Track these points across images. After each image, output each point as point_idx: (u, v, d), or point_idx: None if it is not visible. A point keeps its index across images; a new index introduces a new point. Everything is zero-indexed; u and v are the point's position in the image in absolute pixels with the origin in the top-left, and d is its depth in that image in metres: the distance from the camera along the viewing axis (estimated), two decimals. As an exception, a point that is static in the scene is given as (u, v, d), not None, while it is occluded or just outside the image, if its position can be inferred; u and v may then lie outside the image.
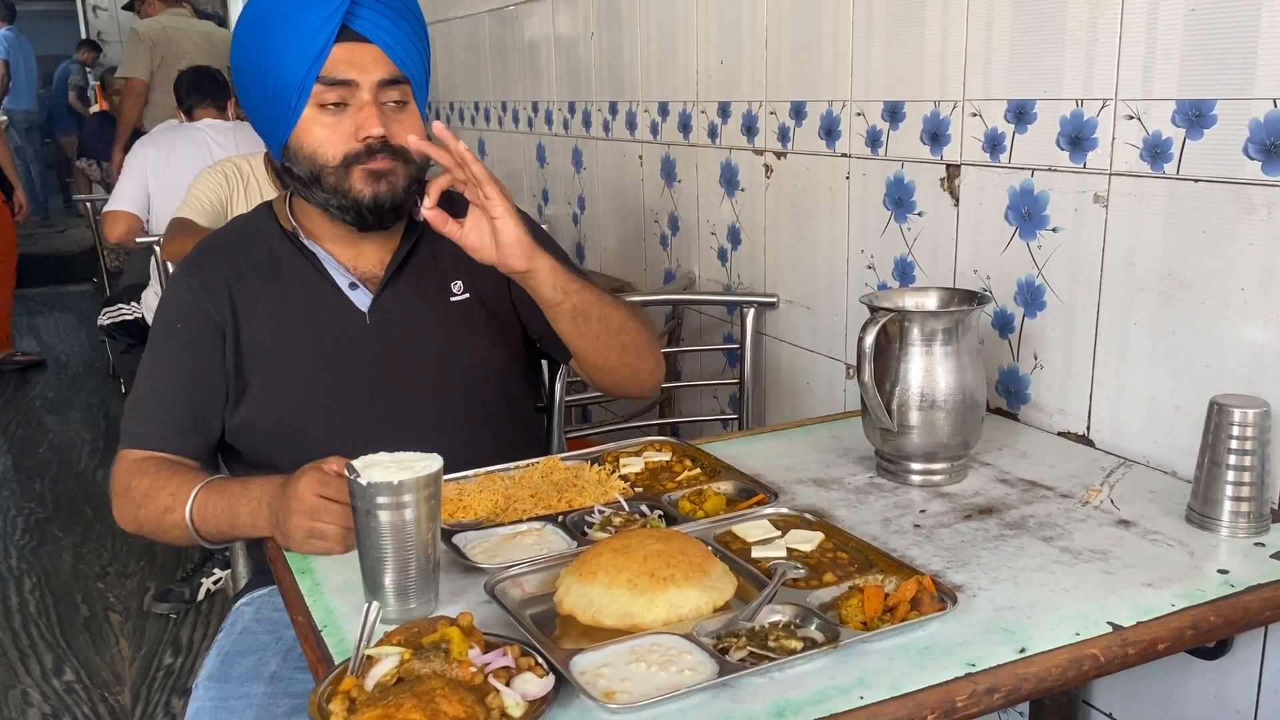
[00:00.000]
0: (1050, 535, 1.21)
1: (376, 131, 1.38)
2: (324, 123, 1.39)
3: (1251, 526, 1.19)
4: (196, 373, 1.45)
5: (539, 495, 1.32)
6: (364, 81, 1.38)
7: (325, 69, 1.36)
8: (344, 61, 1.37)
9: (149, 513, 1.37)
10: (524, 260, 1.29)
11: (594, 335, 1.41)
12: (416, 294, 1.50)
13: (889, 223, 1.84)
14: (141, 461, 1.41)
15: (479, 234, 1.29)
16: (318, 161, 1.39)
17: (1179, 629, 1.02)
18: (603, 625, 1.00)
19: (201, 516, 1.33)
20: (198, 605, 3.06)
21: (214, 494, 1.33)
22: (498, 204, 1.25)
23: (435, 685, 0.85)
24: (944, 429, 1.34)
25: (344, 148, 1.39)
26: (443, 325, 1.50)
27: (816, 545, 1.17)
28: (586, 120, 2.95)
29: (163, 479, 1.38)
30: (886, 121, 1.81)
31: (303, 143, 1.40)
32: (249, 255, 1.50)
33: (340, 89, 1.37)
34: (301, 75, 1.36)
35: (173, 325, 1.47)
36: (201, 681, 1.33)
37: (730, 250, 2.34)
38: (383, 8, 1.40)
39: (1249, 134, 1.25)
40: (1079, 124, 1.46)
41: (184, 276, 1.50)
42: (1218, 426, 1.19)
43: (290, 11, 1.36)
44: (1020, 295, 1.60)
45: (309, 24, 1.35)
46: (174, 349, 1.46)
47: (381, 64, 1.39)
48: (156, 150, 3.47)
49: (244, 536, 1.33)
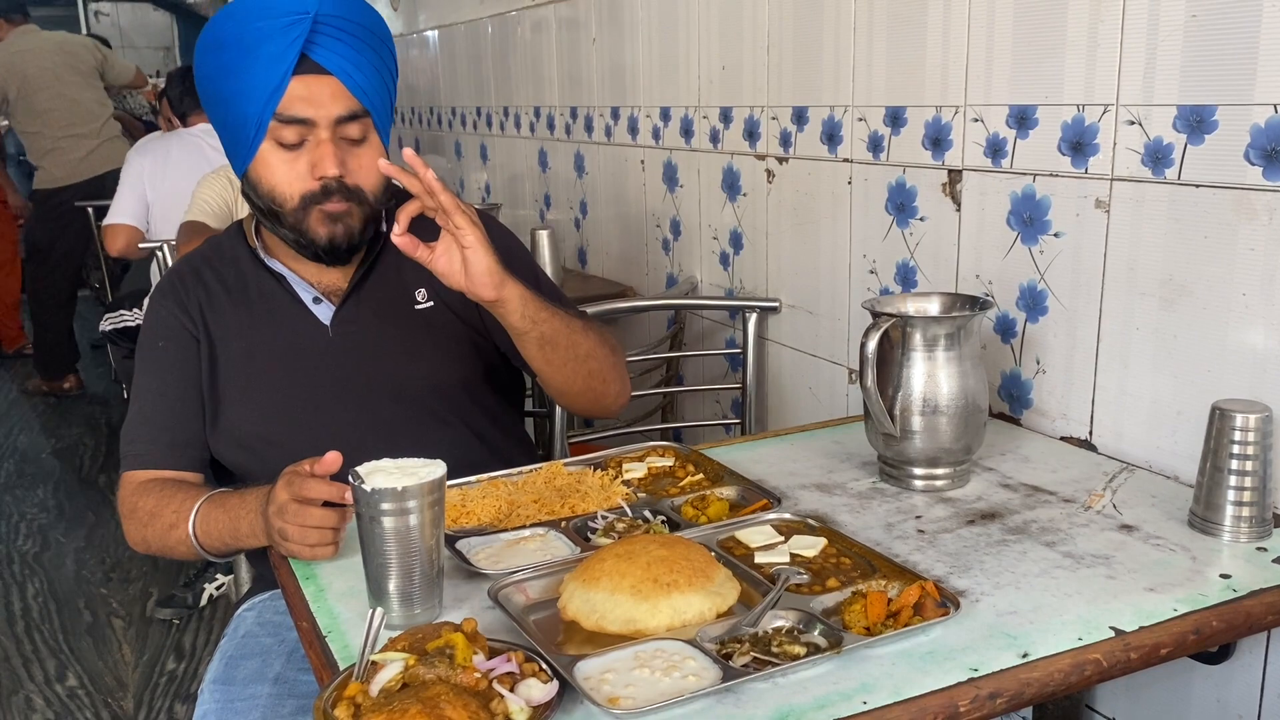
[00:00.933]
0: (1053, 540, 1.21)
1: (332, 172, 1.37)
2: (281, 159, 1.38)
3: (1253, 531, 1.19)
4: (182, 390, 1.47)
5: (542, 501, 1.32)
6: (321, 119, 1.36)
7: (282, 105, 1.34)
8: (301, 98, 1.35)
9: (155, 532, 1.39)
10: (493, 290, 1.28)
11: (561, 362, 1.40)
12: (378, 305, 1.51)
13: (891, 228, 1.84)
14: (145, 483, 1.43)
15: (449, 260, 1.27)
16: (276, 198, 1.40)
17: (1181, 634, 1.02)
18: (606, 631, 1.01)
19: (205, 531, 1.34)
20: (200, 611, 3.06)
21: (215, 508, 1.34)
22: (468, 234, 1.24)
23: (440, 691, 0.85)
24: (946, 434, 1.34)
25: (301, 187, 1.39)
26: (405, 334, 1.51)
27: (819, 551, 1.17)
28: (588, 125, 2.95)
29: (165, 497, 1.39)
30: (888, 127, 1.81)
31: (261, 176, 1.40)
32: (219, 274, 1.52)
33: (297, 127, 1.36)
34: (259, 110, 1.34)
35: (155, 345, 1.49)
36: (206, 685, 1.34)
37: (732, 255, 2.34)
38: (344, 35, 1.37)
39: (1250, 139, 1.26)
40: (1080, 129, 1.46)
41: (160, 298, 1.52)
42: (1219, 431, 1.19)
43: (248, 40, 1.34)
44: (1022, 300, 1.60)
45: (266, 55, 1.33)
46: (160, 369, 1.49)
47: (340, 99, 1.37)
48: (152, 159, 3.46)
49: (248, 548, 1.34)
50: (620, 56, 2.71)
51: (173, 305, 1.50)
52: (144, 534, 1.40)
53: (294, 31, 1.32)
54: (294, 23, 1.32)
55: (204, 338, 1.48)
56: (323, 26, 1.34)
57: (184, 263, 1.56)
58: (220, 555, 1.39)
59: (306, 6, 1.33)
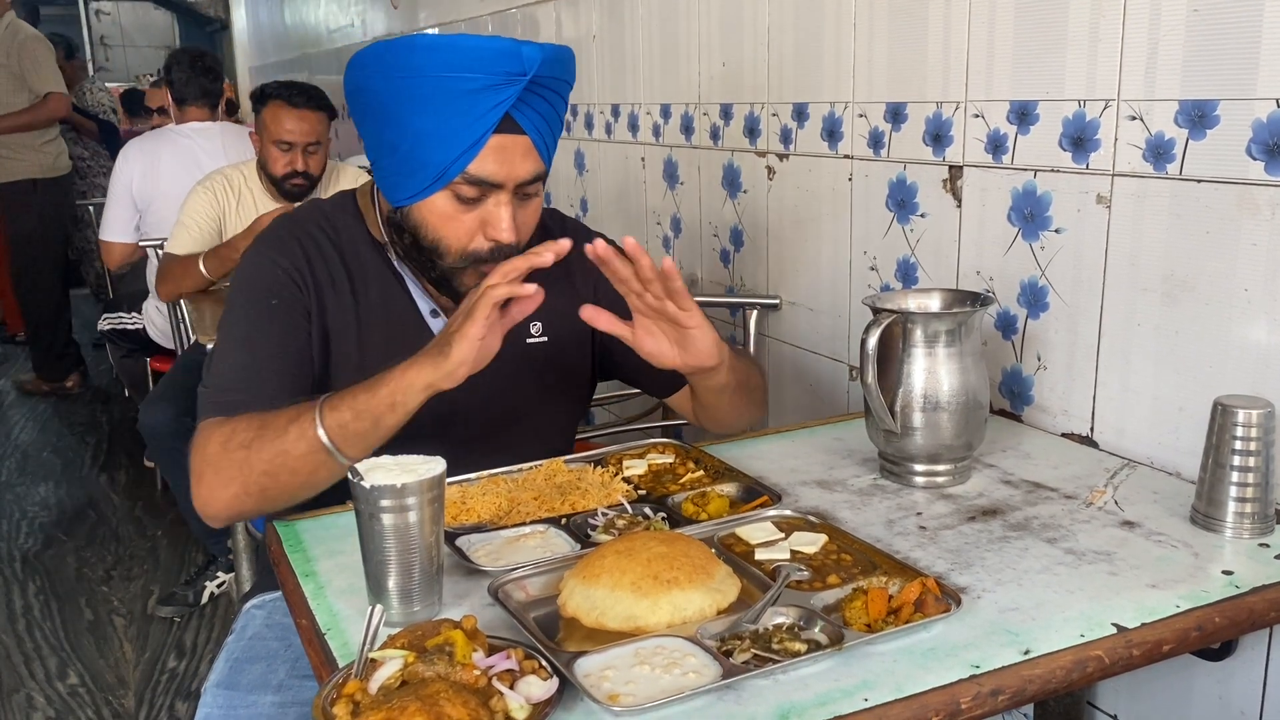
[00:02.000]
0: (1054, 537, 1.20)
1: (509, 239, 1.31)
2: (455, 210, 1.31)
3: (1256, 527, 1.19)
4: (295, 348, 1.36)
5: (542, 498, 1.31)
6: (509, 183, 1.30)
7: (474, 165, 1.27)
8: (495, 161, 1.28)
9: (262, 455, 1.22)
10: (715, 360, 1.28)
11: (745, 401, 1.42)
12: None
13: (891, 224, 1.84)
14: (236, 420, 1.27)
15: (655, 341, 1.26)
16: (439, 248, 1.34)
17: (1184, 630, 1.02)
18: (606, 628, 1.00)
19: (335, 424, 1.20)
20: (201, 609, 3.06)
21: (341, 398, 1.21)
22: (695, 316, 1.22)
23: (439, 688, 0.85)
24: (947, 430, 1.34)
25: (469, 243, 1.33)
26: (514, 368, 1.44)
27: (820, 547, 1.16)
28: (589, 122, 2.95)
29: (269, 416, 1.24)
30: (889, 123, 1.81)
31: (425, 220, 1.33)
32: (337, 255, 1.42)
33: (483, 188, 1.30)
34: (448, 161, 1.27)
35: (265, 300, 1.37)
36: (209, 687, 1.33)
37: (733, 252, 2.34)
38: (549, 94, 1.30)
39: (1252, 134, 1.25)
40: (1081, 125, 1.46)
41: (274, 256, 1.39)
42: (1222, 427, 1.19)
43: (453, 87, 1.25)
44: (1023, 296, 1.60)
45: (470, 110, 1.25)
46: (269, 322, 1.36)
47: (529, 160, 1.31)
48: (140, 167, 3.42)
49: (394, 420, 1.20)
50: (620, 53, 2.71)
51: (288, 267, 1.38)
52: (243, 467, 1.22)
53: (506, 92, 1.25)
54: (508, 83, 1.25)
55: (317, 314, 1.39)
56: (534, 87, 1.28)
57: (295, 229, 1.43)
58: (350, 453, 1.21)
59: (525, 67, 1.25)
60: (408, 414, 1.19)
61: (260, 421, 1.23)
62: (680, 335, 1.26)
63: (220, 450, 1.24)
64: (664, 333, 1.27)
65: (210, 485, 1.25)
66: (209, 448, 1.26)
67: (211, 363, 1.37)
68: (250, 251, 1.43)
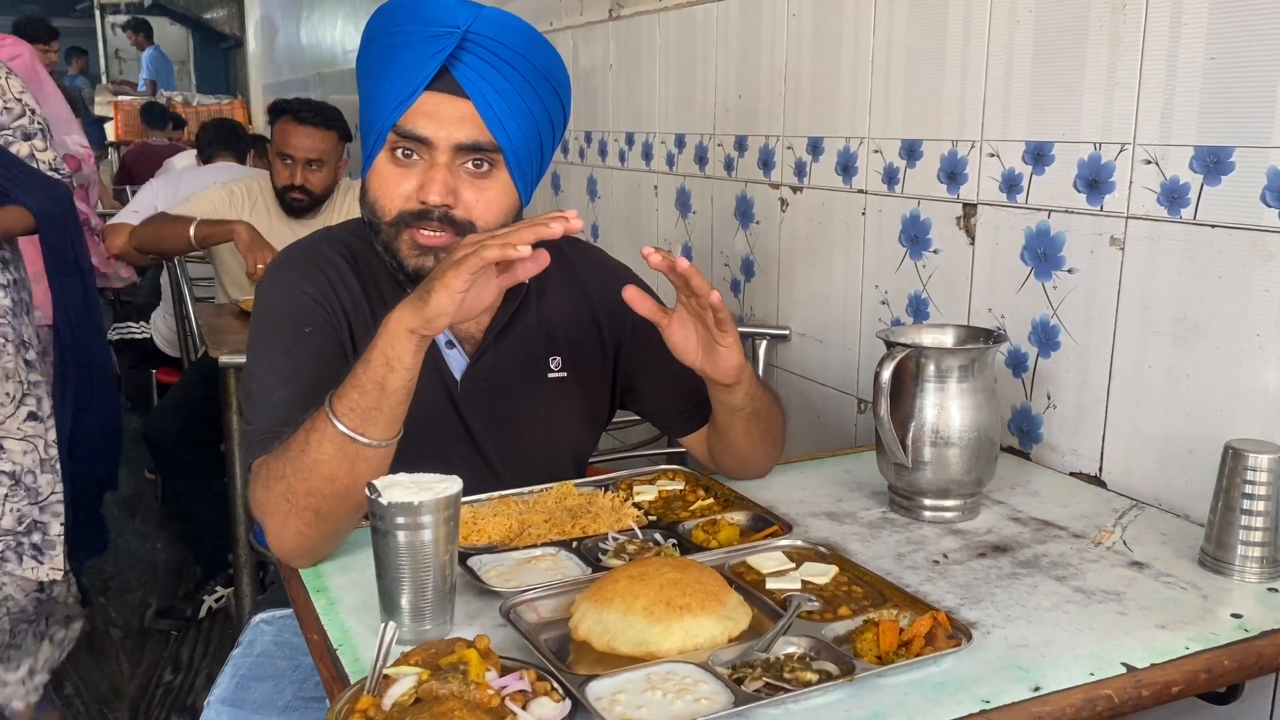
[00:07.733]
0: (1063, 575, 1.21)
1: (436, 199, 1.27)
2: (393, 171, 1.30)
3: (1264, 571, 1.19)
4: (332, 373, 1.27)
5: (553, 520, 1.32)
6: (440, 141, 1.27)
7: (405, 118, 1.26)
8: (426, 115, 1.26)
9: (298, 476, 1.16)
10: (734, 377, 1.29)
11: (760, 434, 1.42)
12: (513, 365, 1.42)
13: (904, 259, 1.85)
14: (270, 455, 1.23)
15: (685, 335, 1.27)
16: (376, 210, 1.32)
17: (1193, 672, 1.02)
18: (618, 652, 1.01)
19: (346, 409, 1.14)
20: (199, 623, 3.05)
21: (342, 385, 1.16)
22: (730, 335, 1.24)
23: (453, 706, 0.85)
24: (958, 466, 1.34)
25: (400, 204, 1.29)
26: (533, 402, 1.44)
27: (831, 578, 1.17)
28: (602, 149, 2.97)
29: (290, 439, 1.20)
30: (904, 159, 1.82)
31: (370, 185, 1.32)
32: (358, 281, 1.39)
33: (414, 144, 1.27)
34: (383, 117, 1.27)
35: (298, 329, 1.34)
36: (214, 702, 1.32)
37: (744, 282, 2.35)
38: (494, 60, 1.27)
39: (1267, 181, 1.27)
40: (1096, 167, 1.47)
41: (298, 283, 1.36)
42: (1232, 471, 1.19)
43: (395, 42, 1.26)
44: (1034, 335, 1.61)
45: (405, 63, 1.25)
46: (304, 352, 1.33)
47: (468, 125, 1.27)
48: (165, 185, 3.54)
49: (398, 381, 1.13)
50: (637, 82, 2.73)
51: (316, 295, 1.35)
52: (284, 487, 1.17)
53: (438, 44, 1.24)
54: (441, 35, 1.24)
55: (349, 342, 1.36)
56: (472, 45, 1.25)
57: (317, 255, 1.40)
58: (372, 434, 1.14)
59: (458, 20, 1.24)
60: (408, 370, 1.13)
61: (284, 447, 1.19)
62: (709, 343, 1.27)
63: (265, 491, 1.20)
64: (696, 333, 1.28)
65: (274, 530, 1.20)
66: (258, 492, 1.22)
67: (252, 398, 1.33)
68: (270, 279, 1.40)
